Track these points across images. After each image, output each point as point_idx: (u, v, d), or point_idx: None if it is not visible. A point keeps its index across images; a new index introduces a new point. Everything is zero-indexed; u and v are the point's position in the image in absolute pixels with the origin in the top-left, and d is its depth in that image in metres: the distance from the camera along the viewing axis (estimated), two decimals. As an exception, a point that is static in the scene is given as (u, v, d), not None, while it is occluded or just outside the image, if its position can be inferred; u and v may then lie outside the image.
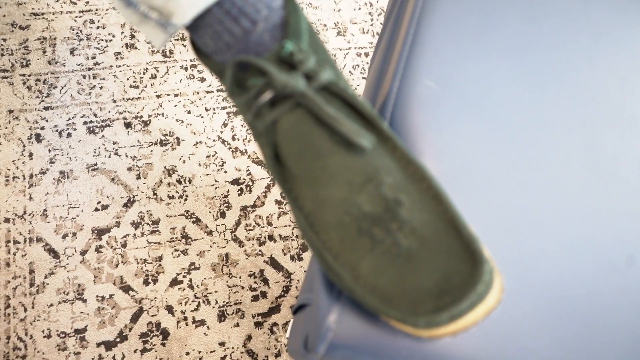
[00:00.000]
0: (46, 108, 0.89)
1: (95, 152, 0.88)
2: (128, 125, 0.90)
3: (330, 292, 0.36)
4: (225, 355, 0.79)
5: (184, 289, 0.82)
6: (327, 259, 0.34)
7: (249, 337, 0.80)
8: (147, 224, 0.84)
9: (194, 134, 0.91)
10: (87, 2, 0.98)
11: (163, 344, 0.78)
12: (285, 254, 0.86)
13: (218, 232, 0.86)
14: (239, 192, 0.89)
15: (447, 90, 0.42)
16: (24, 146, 0.86)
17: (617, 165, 0.41)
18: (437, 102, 0.41)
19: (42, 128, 0.88)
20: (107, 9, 0.98)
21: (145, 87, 0.94)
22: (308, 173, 0.34)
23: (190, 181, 0.88)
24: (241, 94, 0.34)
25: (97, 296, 0.79)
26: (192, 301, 0.81)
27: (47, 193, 0.84)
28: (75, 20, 0.97)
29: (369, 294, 0.32)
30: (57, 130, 0.88)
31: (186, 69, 0.96)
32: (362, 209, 0.32)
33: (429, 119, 0.40)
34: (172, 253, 0.83)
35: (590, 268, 0.38)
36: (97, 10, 0.98)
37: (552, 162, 0.40)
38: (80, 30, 0.96)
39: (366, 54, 1.03)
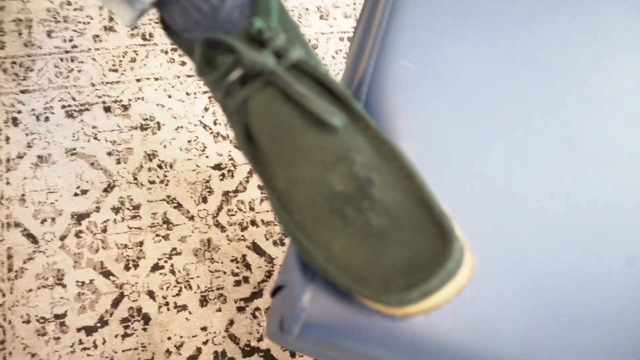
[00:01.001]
0: (23, 91, 0.88)
1: (74, 137, 0.86)
2: (107, 109, 0.89)
3: (305, 272, 0.36)
4: (207, 340, 0.79)
5: (165, 274, 0.81)
6: (300, 239, 0.34)
7: (231, 322, 0.81)
8: (128, 209, 0.84)
9: (175, 118, 0.90)
10: (65, -16, 0.96)
11: (144, 329, 0.78)
12: (267, 239, 0.86)
13: (200, 217, 0.85)
14: (221, 177, 0.88)
15: (423, 70, 0.41)
16: (1, 130, 0.85)
17: (593, 144, 0.41)
18: (413, 83, 0.41)
19: (19, 112, 0.86)
20: (85, -9, 0.96)
21: (125, 70, 0.92)
22: (280, 153, 0.33)
23: (171, 166, 0.87)
24: (210, 71, 0.34)
25: (77, 281, 0.79)
26: (174, 286, 0.81)
27: (25, 178, 0.83)
28: (51, 2, 0.95)
29: (341, 273, 0.32)
30: (34, 114, 0.87)
31: (166, 52, 0.95)
32: (334, 188, 0.32)
33: (405, 99, 0.40)
34: (153, 238, 0.83)
35: (565, 245, 0.38)
36: (74, -9, 0.96)
37: (528, 142, 0.41)
38: (57, 12, 0.94)
39: (349, 39, 1.02)
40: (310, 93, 0.32)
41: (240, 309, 0.81)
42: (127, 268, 0.81)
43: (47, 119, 0.87)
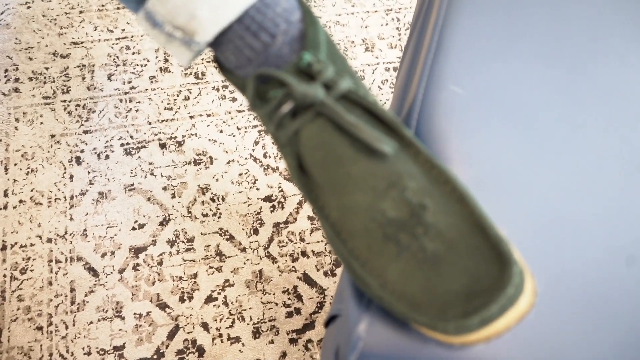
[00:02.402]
0: (85, 132, 0.93)
1: (131, 173, 0.90)
2: (163, 145, 0.93)
3: (360, 301, 0.36)
4: (260, 372, 0.79)
5: (218, 306, 0.82)
6: (354, 267, 0.34)
7: (284, 354, 0.80)
8: (182, 241, 0.86)
9: (227, 152, 0.93)
10: (123, 30, 1.02)
11: (199, 361, 0.79)
12: (318, 270, 0.86)
13: (251, 249, 0.86)
14: (272, 208, 0.90)
15: (474, 95, 0.41)
16: (65, 169, 0.90)
17: (655, 166, 0.40)
18: (463, 108, 0.41)
19: (82, 151, 0.91)
20: (142, 36, 1.02)
21: (179, 108, 0.96)
22: (332, 181, 0.34)
23: (223, 199, 0.90)
24: (262, 105, 0.35)
25: (134, 313, 0.81)
26: (227, 318, 0.82)
27: (87, 213, 0.87)
28: (112, 47, 1.01)
29: (397, 300, 0.31)
30: (95, 153, 0.91)
31: (218, 89, 0.99)
32: (387, 214, 0.32)
33: (456, 124, 0.40)
34: (206, 270, 0.84)
35: (631, 273, 0.36)
36: (132, 37, 1.02)
37: (585, 165, 0.39)
38: (117, 57, 1.00)
39: (394, 69, 1.03)
40: (360, 122, 0.33)
41: (293, 341, 0.81)
42: (182, 300, 0.82)
43: (107, 157, 0.91)
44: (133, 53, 1.01)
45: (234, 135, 0.94)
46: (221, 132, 0.95)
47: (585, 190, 0.38)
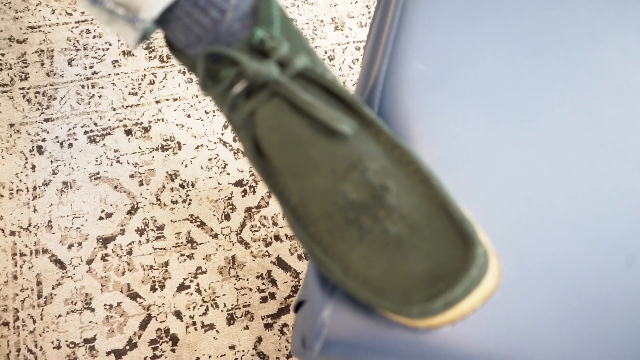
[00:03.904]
0: (46, 120, 0.89)
1: (97, 161, 0.87)
2: (128, 132, 0.90)
3: (324, 287, 0.35)
4: (236, 359, 0.78)
5: (191, 294, 0.81)
6: (316, 253, 0.32)
7: (259, 339, 0.79)
8: (152, 230, 0.84)
9: (195, 137, 0.91)
10: (83, 13, 0.98)
11: (173, 350, 0.77)
12: (292, 254, 0.85)
13: (223, 234, 0.85)
14: (243, 193, 0.88)
15: (438, 72, 0.40)
16: (26, 159, 0.86)
17: (623, 142, 0.39)
18: (427, 85, 0.39)
19: (44, 140, 0.88)
20: (102, 18, 0.98)
21: (144, 93, 0.93)
22: (290, 164, 0.32)
23: (193, 185, 0.87)
24: (214, 86, 0.33)
25: (104, 305, 0.79)
26: (200, 305, 0.80)
27: (51, 204, 0.84)
28: (71, 31, 0.97)
29: (360, 286, 0.30)
30: (58, 141, 0.88)
31: (184, 72, 0.96)
32: (348, 197, 0.31)
33: (420, 102, 0.39)
34: (178, 258, 0.83)
35: (598, 251, 0.36)
36: (92, 20, 0.98)
37: (553, 141, 0.39)
38: (77, 41, 0.96)
39: (364, 48, 1.01)
40: (317, 101, 0.31)
41: (268, 326, 0.80)
42: (153, 289, 0.80)
43: (70, 145, 0.88)
44: (94, 37, 0.97)
45: (202, 120, 0.92)
46: (189, 116, 0.92)
47: (553, 168, 0.38)
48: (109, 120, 0.90)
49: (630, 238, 0.36)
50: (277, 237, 0.86)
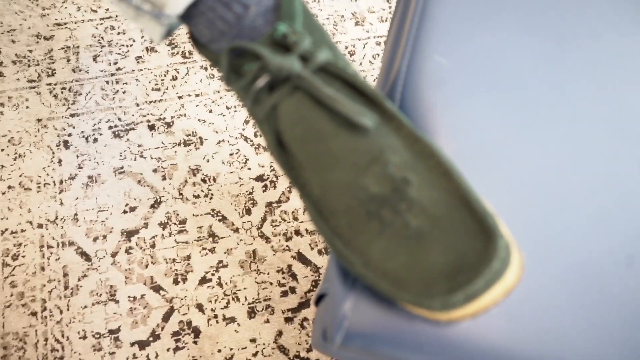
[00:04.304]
0: (72, 115, 0.91)
1: (121, 156, 0.89)
2: (152, 127, 0.91)
3: (345, 279, 0.35)
4: (256, 352, 0.79)
5: (213, 287, 0.82)
6: (337, 246, 0.33)
7: (280, 333, 0.80)
8: (175, 223, 0.85)
9: (217, 132, 0.92)
10: (107, 10, 1.00)
11: (195, 342, 0.79)
12: (312, 248, 0.85)
13: (244, 229, 0.86)
14: (264, 188, 0.89)
15: (459, 65, 0.40)
16: (53, 153, 0.88)
17: (647, 134, 0.39)
18: (448, 78, 0.39)
19: (70, 135, 0.90)
20: (126, 15, 0.99)
21: (167, 89, 0.95)
22: (312, 158, 0.33)
23: (214, 180, 0.88)
24: (237, 80, 0.34)
25: (128, 297, 0.80)
26: (222, 299, 0.81)
27: (77, 198, 0.86)
28: (96, 28, 0.98)
29: (380, 278, 0.31)
30: (83, 136, 0.90)
31: (206, 68, 0.97)
32: (369, 191, 0.31)
33: (441, 95, 0.39)
34: (200, 252, 0.84)
35: (621, 241, 0.35)
36: (117, 16, 1.00)
37: (574, 136, 0.38)
38: (102, 37, 0.98)
39: (385, 42, 1.01)
40: (339, 95, 0.32)
41: (288, 320, 0.81)
42: (176, 282, 0.82)
43: (95, 140, 0.90)
44: (118, 33, 0.98)
45: (223, 115, 0.93)
46: (210, 112, 0.93)
47: (574, 160, 0.37)
48: (133, 115, 0.92)
49: (656, 233, 0.36)
50: (297, 232, 0.86)
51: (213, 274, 0.83)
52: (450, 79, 0.39)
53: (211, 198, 0.87)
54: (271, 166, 0.90)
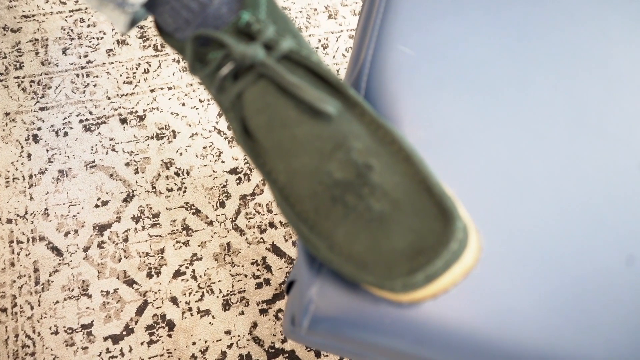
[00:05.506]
0: (42, 109, 0.90)
1: (92, 150, 0.88)
2: (123, 121, 0.91)
3: (311, 265, 0.36)
4: (231, 344, 0.79)
5: (187, 280, 0.82)
6: (303, 231, 0.33)
7: (255, 325, 0.81)
8: (148, 217, 0.85)
9: (190, 125, 0.91)
10: (77, 2, 0.99)
11: (169, 335, 0.79)
12: (286, 240, 0.86)
13: (218, 222, 0.86)
14: (238, 181, 0.89)
15: (423, 55, 0.41)
16: (22, 147, 0.87)
17: (605, 123, 0.40)
18: (412, 68, 0.40)
19: (39, 128, 0.88)
20: (96, 7, 0.98)
21: (139, 82, 0.94)
22: (278, 145, 0.33)
23: (188, 173, 0.88)
24: (202, 68, 0.34)
25: (101, 291, 0.80)
26: (196, 292, 0.81)
27: (47, 192, 0.85)
28: (65, 20, 0.97)
29: (345, 261, 0.31)
30: (53, 130, 0.89)
31: (178, 61, 0.96)
32: (333, 176, 0.32)
33: (405, 85, 0.40)
34: (173, 245, 0.84)
35: (578, 227, 0.37)
36: (86, 9, 0.98)
37: (535, 122, 0.39)
38: (72, 30, 0.96)
39: (354, 34, 1.02)
40: (302, 82, 0.32)
41: (263, 311, 0.81)
42: (149, 276, 0.81)
43: (66, 134, 0.89)
44: (88, 25, 0.97)
45: (196, 108, 0.93)
46: (183, 105, 0.93)
47: (535, 148, 0.39)
48: (104, 109, 0.91)
49: (605, 206, 0.37)
50: (271, 224, 0.86)
51: (187, 267, 0.83)
52: (415, 68, 0.40)
53: (185, 191, 0.87)
54: (245, 159, 0.90)
